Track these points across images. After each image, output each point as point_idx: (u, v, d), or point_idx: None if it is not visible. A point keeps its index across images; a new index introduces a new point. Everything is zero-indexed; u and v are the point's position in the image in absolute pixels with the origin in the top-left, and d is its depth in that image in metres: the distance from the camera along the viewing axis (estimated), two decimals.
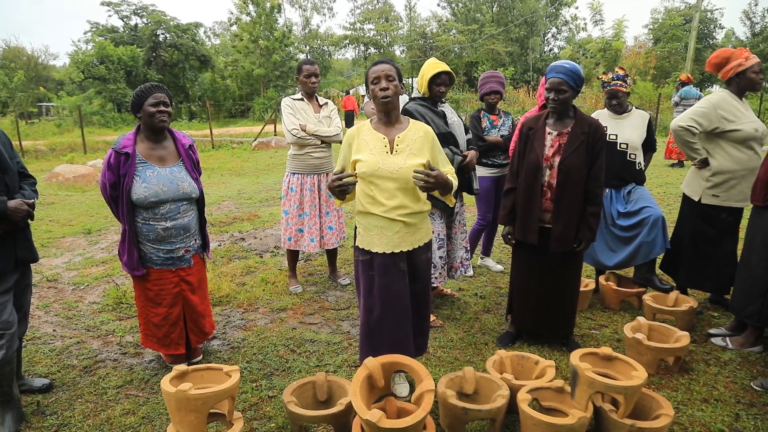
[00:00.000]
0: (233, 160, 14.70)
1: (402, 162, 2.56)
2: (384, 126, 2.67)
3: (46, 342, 3.64)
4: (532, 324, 3.44)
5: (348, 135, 2.71)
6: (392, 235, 2.62)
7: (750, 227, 3.31)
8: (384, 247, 2.64)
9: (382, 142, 2.61)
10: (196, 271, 3.21)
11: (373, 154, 2.58)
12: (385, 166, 2.55)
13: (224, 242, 6.14)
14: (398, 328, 2.70)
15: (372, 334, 2.72)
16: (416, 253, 2.73)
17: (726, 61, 3.55)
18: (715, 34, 39.10)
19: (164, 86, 3.00)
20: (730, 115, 3.51)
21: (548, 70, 3.16)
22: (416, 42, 43.80)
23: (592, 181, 3.11)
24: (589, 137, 3.07)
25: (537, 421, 2.32)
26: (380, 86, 2.56)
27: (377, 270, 2.67)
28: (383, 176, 2.55)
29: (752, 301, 3.22)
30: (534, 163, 3.14)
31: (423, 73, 3.64)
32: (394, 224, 2.61)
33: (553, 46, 49.11)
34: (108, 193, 2.93)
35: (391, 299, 2.66)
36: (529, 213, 3.20)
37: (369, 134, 2.65)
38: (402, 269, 2.68)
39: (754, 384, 2.96)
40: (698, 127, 3.59)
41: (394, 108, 2.64)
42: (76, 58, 32.20)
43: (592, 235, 3.17)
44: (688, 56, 22.56)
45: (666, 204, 7.53)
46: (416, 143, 2.61)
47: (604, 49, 29.85)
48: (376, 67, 2.62)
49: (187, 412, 2.29)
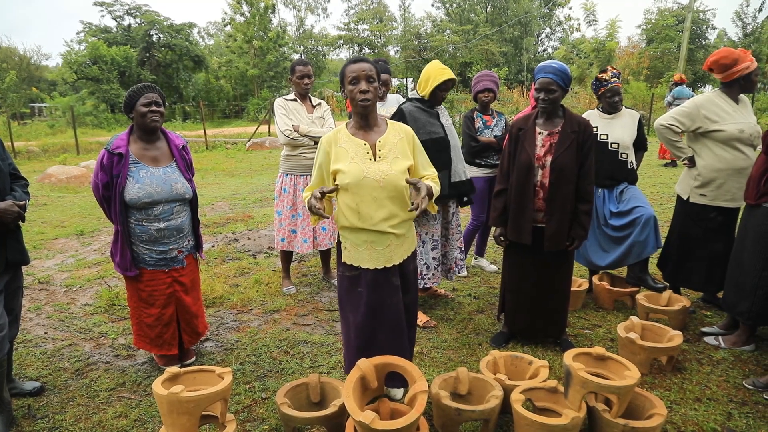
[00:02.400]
0: (227, 161, 14.67)
1: (388, 168, 2.41)
2: (362, 131, 2.50)
3: (37, 345, 3.62)
4: (525, 324, 3.45)
5: (324, 142, 2.50)
6: (383, 249, 2.48)
7: (742, 225, 3.33)
8: (375, 262, 2.49)
9: (363, 148, 2.44)
10: (189, 272, 3.19)
11: (355, 162, 2.41)
12: (370, 174, 2.38)
13: (218, 243, 6.12)
14: (395, 340, 2.59)
15: (365, 350, 2.56)
16: (405, 264, 2.62)
17: (735, 62, 3.50)
18: (708, 35, 39.30)
19: (157, 86, 2.99)
20: (714, 115, 3.53)
21: (537, 70, 3.16)
22: (410, 42, 43.81)
23: (583, 180, 3.12)
24: (579, 136, 3.09)
25: (530, 422, 2.32)
26: (360, 88, 2.38)
27: (367, 286, 2.52)
28: (369, 185, 2.38)
29: (744, 299, 3.23)
30: (526, 163, 3.14)
31: (429, 77, 3.56)
32: (385, 237, 2.47)
33: (547, 47, 49.32)
34: (100, 193, 2.92)
35: (385, 314, 2.54)
36: (522, 213, 3.20)
37: (348, 141, 2.46)
38: (395, 284, 2.56)
39: (746, 383, 2.97)
40: (680, 126, 3.63)
41: (374, 111, 2.49)
42: (69, 58, 32.01)
43: (585, 233, 3.18)
44: (681, 56, 22.70)
45: (659, 203, 7.55)
46: (398, 146, 2.48)
47: (598, 49, 29.94)
48: (355, 65, 2.41)
49: (179, 415, 2.27)
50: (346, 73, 2.43)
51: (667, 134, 3.70)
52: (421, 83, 3.65)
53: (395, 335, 2.59)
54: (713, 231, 3.67)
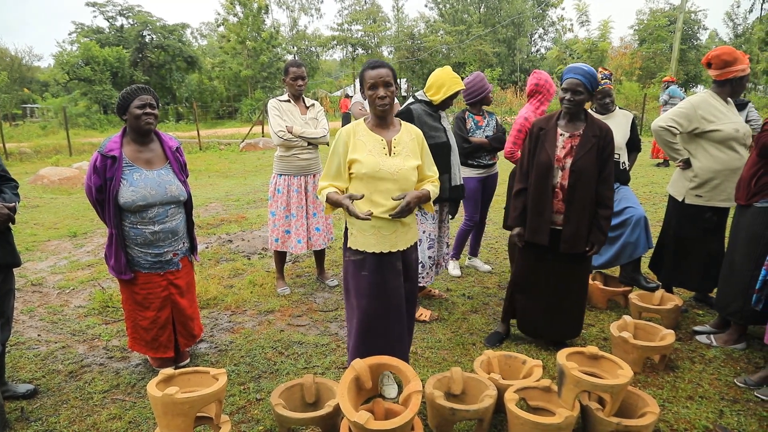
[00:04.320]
0: (221, 162, 14.63)
1: (401, 163, 2.61)
2: (379, 128, 2.68)
3: (30, 347, 3.60)
4: (537, 325, 3.44)
5: (343, 133, 2.67)
6: (389, 235, 2.64)
7: (734, 226, 3.35)
8: (381, 246, 2.64)
9: (381, 143, 2.62)
10: (184, 274, 3.18)
11: (372, 154, 2.59)
12: (385, 167, 2.57)
13: (212, 244, 6.11)
14: (396, 324, 2.72)
15: (369, 333, 2.70)
16: (408, 252, 2.78)
17: (736, 60, 3.50)
18: (699, 35, 39.55)
19: (150, 88, 2.97)
20: (710, 115, 3.53)
21: (566, 70, 3.14)
22: (404, 43, 43.79)
23: (602, 185, 3.10)
24: (600, 141, 3.07)
25: (524, 421, 2.33)
26: (378, 94, 2.56)
27: (372, 269, 2.66)
28: (384, 177, 2.57)
29: (735, 299, 3.27)
30: (545, 163, 3.12)
31: (444, 84, 3.57)
32: (392, 224, 2.63)
33: (540, 47, 49.41)
34: (94, 197, 2.90)
35: (389, 296, 2.68)
36: (541, 214, 3.18)
37: (366, 135, 2.64)
38: (398, 268, 2.71)
39: (737, 380, 3.00)
40: (678, 127, 3.62)
41: (391, 113, 2.69)
42: (61, 59, 31.81)
43: (604, 238, 3.16)
44: (673, 57, 22.83)
45: (651, 203, 7.60)
46: (410, 145, 2.68)
47: (591, 49, 30.12)
48: (374, 71, 2.58)
49: (173, 416, 2.27)
50: (365, 78, 2.61)
51: (665, 136, 3.65)
52: (432, 87, 3.63)
53: (396, 320, 2.72)
54: (710, 231, 3.69)
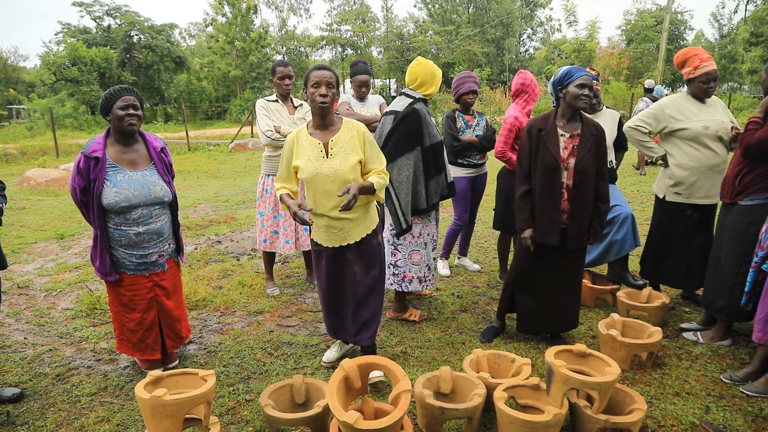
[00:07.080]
0: (210, 163, 14.56)
1: (338, 165, 2.76)
2: (318, 130, 2.84)
3: (16, 350, 3.56)
4: (541, 323, 3.48)
5: (288, 140, 2.88)
6: (338, 232, 2.88)
7: (719, 224, 3.40)
8: (332, 242, 2.92)
9: (318, 147, 2.79)
10: (170, 276, 3.16)
11: (310, 159, 2.77)
12: (322, 170, 2.75)
13: (200, 245, 6.08)
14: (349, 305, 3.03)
15: (327, 312, 3.14)
16: (366, 241, 2.95)
17: (682, 64, 3.65)
18: (686, 36, 39.96)
19: (134, 89, 2.95)
20: (678, 114, 3.61)
21: (573, 70, 3.14)
22: (393, 43, 43.88)
23: (600, 181, 3.20)
24: (596, 139, 3.15)
25: (513, 419, 2.34)
26: (320, 92, 2.73)
27: (327, 260, 2.98)
28: (322, 180, 2.76)
29: (721, 296, 3.30)
30: (551, 164, 3.13)
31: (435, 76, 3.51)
32: (338, 222, 2.84)
33: (529, 47, 49.72)
34: (78, 197, 2.88)
35: (341, 283, 3.01)
36: (550, 215, 3.20)
37: (306, 140, 2.82)
38: (350, 259, 2.95)
39: (723, 377, 3.03)
40: (646, 126, 3.74)
41: (330, 112, 2.82)
42: (47, 59, 31.49)
43: (602, 230, 3.30)
44: (660, 57, 23.02)
45: (639, 202, 7.66)
46: (349, 143, 2.80)
47: (579, 49, 30.27)
48: (319, 72, 2.76)
49: (162, 418, 2.26)
50: (310, 78, 2.78)
51: (635, 135, 3.78)
52: (424, 83, 3.50)
53: (356, 303, 3.01)
54: (691, 229, 3.73)
